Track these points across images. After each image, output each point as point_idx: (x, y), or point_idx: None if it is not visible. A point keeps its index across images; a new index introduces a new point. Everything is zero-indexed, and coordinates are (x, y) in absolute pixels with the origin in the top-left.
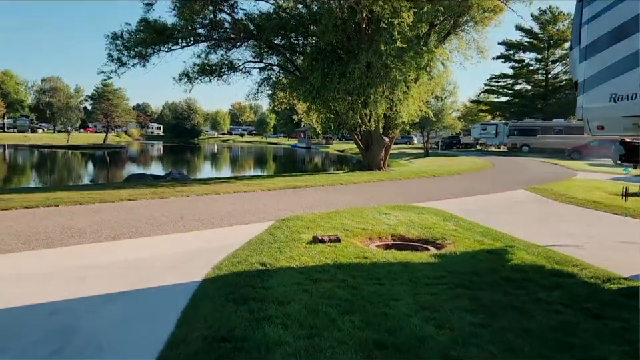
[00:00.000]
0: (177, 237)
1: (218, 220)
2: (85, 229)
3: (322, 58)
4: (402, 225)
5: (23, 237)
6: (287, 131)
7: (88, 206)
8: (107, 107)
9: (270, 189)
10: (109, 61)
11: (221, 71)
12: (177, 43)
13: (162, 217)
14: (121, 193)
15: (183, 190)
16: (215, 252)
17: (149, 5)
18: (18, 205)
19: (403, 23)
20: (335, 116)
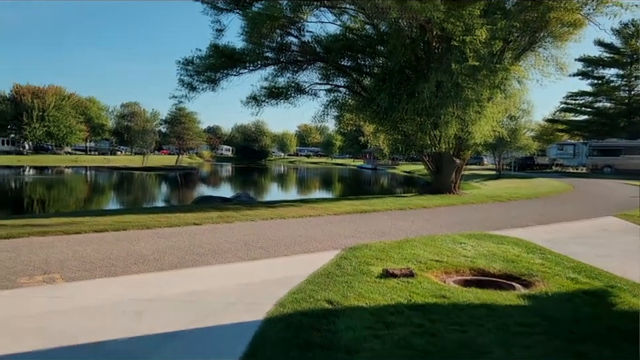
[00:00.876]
0: (239, 267)
1: (283, 247)
2: (148, 255)
3: (390, 78)
4: (481, 257)
5: (87, 264)
6: (353, 152)
7: (155, 230)
8: (180, 130)
9: (336, 213)
10: (181, 86)
11: (287, 93)
12: (246, 67)
13: (226, 243)
14: (188, 216)
15: (248, 214)
16: (278, 285)
17: (219, 30)
18: (88, 229)
19: (475, 40)
20: (403, 137)
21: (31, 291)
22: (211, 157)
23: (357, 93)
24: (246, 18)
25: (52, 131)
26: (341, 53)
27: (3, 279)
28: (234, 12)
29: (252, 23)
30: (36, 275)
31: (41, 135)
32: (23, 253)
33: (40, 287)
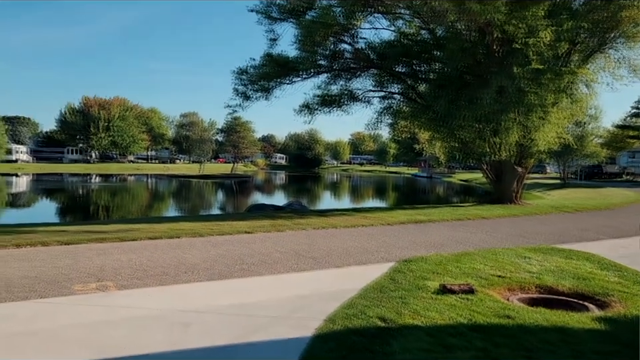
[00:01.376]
0: (290, 278)
1: (335, 258)
2: (199, 264)
3: (447, 84)
4: (548, 273)
5: (140, 272)
6: (408, 159)
7: (207, 238)
8: (236, 139)
9: (390, 223)
10: (235, 95)
11: (341, 101)
12: (299, 75)
13: (276, 252)
14: (240, 224)
15: (300, 223)
16: (329, 298)
17: (273, 40)
18: (143, 236)
19: (539, 42)
20: (460, 144)
21: (84, 298)
22: (265, 165)
23: (412, 99)
24: (299, 26)
25: (116, 140)
26: (396, 59)
27: (60, 285)
28: (288, 21)
29: (305, 31)
30: (90, 283)
31: (106, 144)
32: (80, 259)
33: (93, 294)
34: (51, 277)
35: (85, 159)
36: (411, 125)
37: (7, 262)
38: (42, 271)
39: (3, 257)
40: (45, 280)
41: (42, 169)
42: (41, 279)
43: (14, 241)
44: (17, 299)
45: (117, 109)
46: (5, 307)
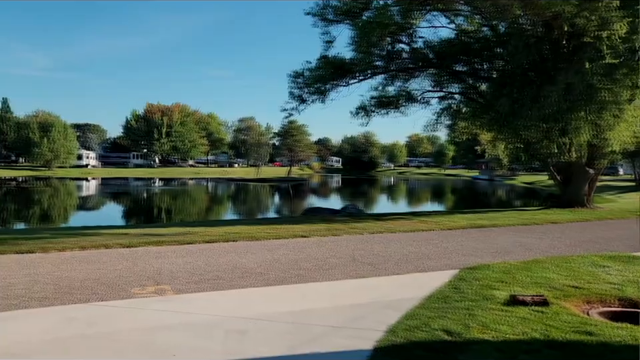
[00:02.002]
0: (346, 285)
1: (393, 265)
2: (254, 269)
3: (510, 82)
4: (631, 285)
5: (196, 275)
6: (467, 162)
7: (262, 242)
8: (292, 143)
9: (451, 227)
10: (291, 98)
11: (398, 102)
12: (355, 77)
13: (333, 258)
14: (295, 228)
15: (356, 227)
16: (388, 308)
17: (328, 42)
18: (200, 240)
19: (613, 35)
20: (525, 145)
21: (142, 302)
22: (320, 168)
23: (472, 99)
24: (355, 27)
25: (177, 145)
26: (455, 58)
27: (119, 289)
28: (343, 23)
29: (361, 31)
30: (148, 286)
31: (168, 149)
32: (139, 262)
33: (151, 298)
34: (110, 279)
35: (148, 163)
36: (471, 126)
37: (71, 264)
38: (102, 273)
39: (68, 259)
40: (105, 283)
41: (109, 174)
42: (102, 281)
43: (79, 243)
44: (78, 301)
45: (178, 114)
46: (66, 310)
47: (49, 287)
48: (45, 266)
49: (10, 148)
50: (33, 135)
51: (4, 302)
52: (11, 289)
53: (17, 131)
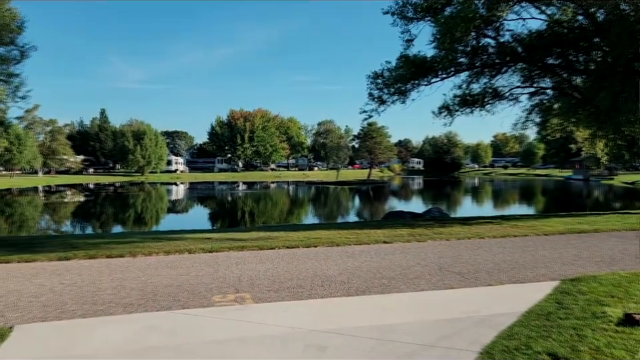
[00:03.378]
0: (434, 297)
1: (484, 274)
2: (335, 277)
3: (611, 74)
4: None
5: (276, 283)
6: (559, 161)
7: (343, 248)
8: (371, 145)
9: (547, 232)
10: (370, 100)
11: (483, 100)
12: (437, 75)
13: (418, 266)
14: (377, 233)
15: (442, 232)
16: (482, 324)
17: (409, 40)
18: (280, 245)
19: None
20: (628, 143)
21: (222, 311)
22: (401, 170)
23: (566, 94)
24: (437, 24)
25: (259, 150)
26: (547, 51)
27: (200, 296)
28: (424, 20)
29: (444, 27)
30: (229, 294)
31: (250, 153)
32: (220, 268)
33: (230, 307)
34: (192, 286)
35: (232, 167)
36: (565, 123)
37: (156, 269)
38: (185, 279)
39: (153, 263)
40: (188, 289)
41: (195, 178)
42: (184, 288)
43: (164, 248)
44: (162, 308)
45: (260, 120)
46: (149, 318)
47: (134, 292)
48: (132, 271)
49: (107, 156)
50: (127, 143)
51: (92, 307)
52: (99, 294)
53: (113, 140)
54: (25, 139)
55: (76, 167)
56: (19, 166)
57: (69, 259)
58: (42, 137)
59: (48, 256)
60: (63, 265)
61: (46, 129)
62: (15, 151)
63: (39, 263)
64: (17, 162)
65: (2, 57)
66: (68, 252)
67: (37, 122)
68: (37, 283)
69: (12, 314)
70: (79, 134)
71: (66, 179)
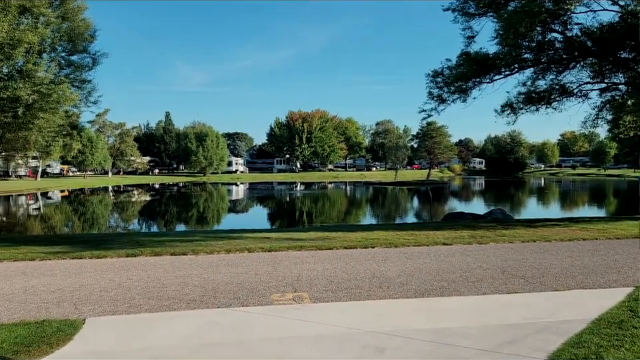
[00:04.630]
0: (496, 301)
1: (550, 279)
2: (393, 278)
3: None
4: None
5: (334, 283)
6: (633, 160)
7: (401, 249)
8: (431, 145)
9: (618, 236)
10: (430, 99)
11: (550, 97)
12: (500, 72)
13: (479, 269)
14: (437, 234)
15: (504, 234)
16: (547, 331)
17: (470, 37)
18: (338, 245)
19: None
20: None
21: (280, 310)
22: (461, 170)
23: None
24: (500, 19)
25: (317, 150)
26: (620, 44)
27: (259, 294)
28: (486, 15)
29: (508, 23)
30: (287, 293)
31: (308, 154)
32: (279, 267)
33: (289, 306)
34: (252, 284)
35: (290, 168)
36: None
37: (217, 267)
38: (245, 278)
39: (215, 262)
40: (247, 287)
41: (255, 179)
42: (244, 286)
43: (225, 246)
44: (222, 305)
45: (318, 120)
46: (210, 314)
47: (196, 289)
48: (194, 268)
49: (171, 157)
50: (190, 144)
51: (158, 303)
52: (164, 290)
53: (177, 141)
54: (96, 142)
55: (142, 167)
56: (91, 167)
57: (136, 256)
58: (112, 139)
59: (117, 252)
60: (130, 261)
61: (115, 131)
62: (88, 153)
63: (109, 259)
64: (89, 163)
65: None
66: (135, 249)
67: (107, 125)
68: (107, 278)
69: (85, 307)
70: (145, 136)
71: (133, 179)
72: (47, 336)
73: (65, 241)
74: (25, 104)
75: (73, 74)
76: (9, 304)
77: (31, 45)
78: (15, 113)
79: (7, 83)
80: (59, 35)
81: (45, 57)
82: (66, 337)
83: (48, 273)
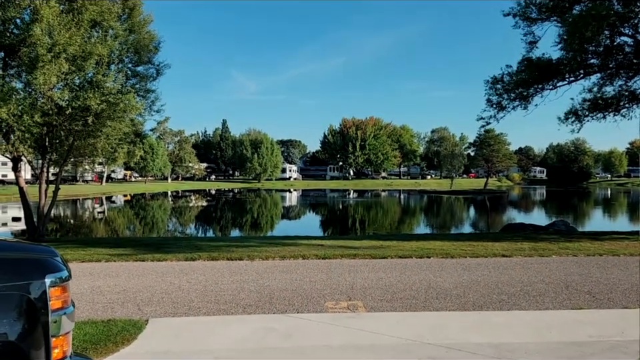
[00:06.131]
0: (559, 316)
1: (619, 295)
2: (450, 290)
3: None
4: None
5: (389, 293)
6: None
7: (459, 260)
8: (488, 153)
9: None
10: (488, 106)
11: (619, 104)
12: (563, 78)
13: (540, 283)
14: (495, 246)
15: (568, 247)
16: (616, 350)
17: (532, 43)
18: (393, 254)
19: None
20: None
21: (334, 317)
22: (521, 179)
23: None
24: (564, 23)
25: (370, 158)
26: None
27: (314, 301)
28: (549, 20)
29: (573, 27)
30: (341, 301)
31: (361, 161)
32: (333, 275)
33: (343, 314)
34: (306, 291)
35: (343, 175)
36: None
37: (272, 273)
38: (299, 284)
39: (270, 267)
40: (302, 294)
41: (308, 185)
42: (298, 292)
43: (280, 253)
44: (277, 311)
45: (371, 128)
46: (266, 319)
47: (252, 294)
48: (250, 273)
49: (227, 163)
50: (245, 151)
51: (216, 306)
52: (221, 294)
53: (233, 149)
54: (157, 149)
55: (200, 173)
56: (152, 173)
57: (194, 260)
58: (171, 146)
59: (176, 256)
60: (189, 265)
61: (175, 139)
62: (149, 159)
63: (169, 262)
64: (150, 169)
65: (141, 74)
66: (193, 253)
67: (167, 132)
68: (168, 281)
69: (147, 308)
70: (202, 143)
71: (191, 185)
72: (112, 335)
73: (127, 243)
74: (94, 113)
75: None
76: (77, 303)
77: (101, 57)
78: (85, 122)
79: (79, 93)
80: (126, 47)
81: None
82: (130, 336)
83: (113, 274)
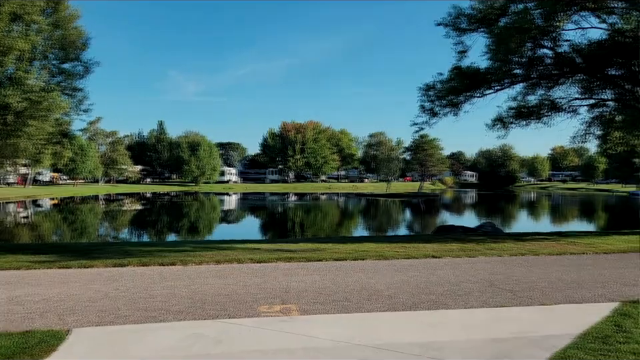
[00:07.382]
0: (483, 315)
1: (537, 293)
2: (382, 291)
3: None
4: None
5: (323, 296)
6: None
7: (391, 261)
8: (423, 157)
9: (607, 250)
10: (421, 112)
11: (540, 112)
12: (490, 87)
13: (467, 282)
14: (426, 247)
15: (493, 248)
16: (534, 345)
17: (461, 52)
18: (328, 257)
19: None
20: None
21: (268, 322)
22: (453, 183)
23: (630, 106)
24: (491, 35)
25: (310, 161)
26: (608, 61)
27: (247, 306)
28: (477, 31)
29: (499, 39)
30: (275, 305)
31: (301, 165)
32: (268, 279)
33: (276, 317)
34: (240, 295)
35: (283, 179)
36: (628, 136)
37: (206, 278)
38: (233, 289)
39: (204, 272)
40: (235, 299)
41: (247, 189)
42: (232, 297)
43: (215, 257)
44: (209, 317)
45: (311, 132)
46: (196, 326)
47: (184, 300)
48: (182, 279)
49: (164, 166)
50: (183, 153)
51: (145, 314)
52: (151, 301)
53: (169, 151)
54: (87, 150)
55: (134, 176)
56: (82, 175)
57: (124, 266)
58: (103, 147)
59: (104, 262)
60: (118, 271)
61: (107, 140)
62: (79, 161)
63: (96, 269)
64: (80, 171)
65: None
66: (123, 259)
67: (98, 133)
68: (94, 289)
69: (70, 317)
70: (137, 145)
71: (125, 188)
72: (29, 347)
73: (52, 249)
74: (15, 111)
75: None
76: None
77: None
78: (4, 120)
79: None
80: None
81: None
82: (49, 347)
83: (33, 282)
